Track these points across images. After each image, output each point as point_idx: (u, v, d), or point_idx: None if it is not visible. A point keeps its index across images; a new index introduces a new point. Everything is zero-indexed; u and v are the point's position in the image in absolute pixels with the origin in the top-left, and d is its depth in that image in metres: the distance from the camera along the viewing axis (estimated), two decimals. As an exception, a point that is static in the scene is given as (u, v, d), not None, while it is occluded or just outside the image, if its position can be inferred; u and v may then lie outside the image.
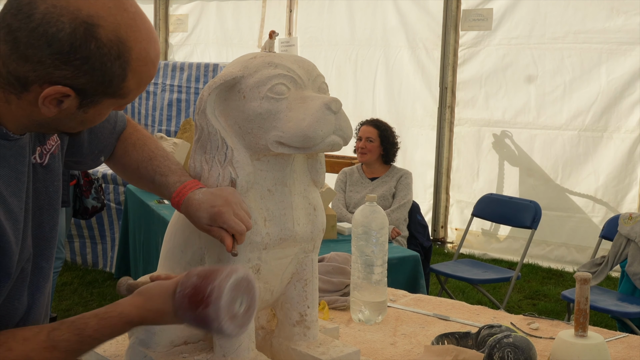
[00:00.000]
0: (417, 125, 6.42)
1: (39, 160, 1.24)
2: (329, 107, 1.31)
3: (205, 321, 1.14)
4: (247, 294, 1.18)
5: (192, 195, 1.34)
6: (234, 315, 1.15)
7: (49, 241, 1.27)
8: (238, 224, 1.30)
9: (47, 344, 1.14)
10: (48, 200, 1.26)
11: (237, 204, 1.31)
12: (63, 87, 1.07)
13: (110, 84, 1.10)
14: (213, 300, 1.13)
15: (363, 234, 1.87)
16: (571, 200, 5.70)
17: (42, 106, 1.09)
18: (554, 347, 1.58)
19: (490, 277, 4.27)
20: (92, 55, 1.06)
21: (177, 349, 1.44)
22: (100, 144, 1.45)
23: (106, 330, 1.17)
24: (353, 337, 1.81)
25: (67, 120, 1.14)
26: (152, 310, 1.18)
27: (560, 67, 5.66)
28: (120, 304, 1.20)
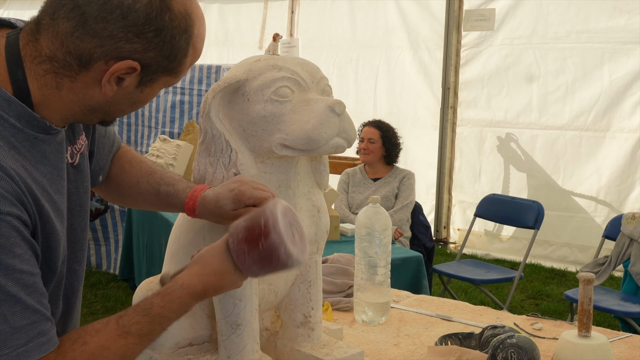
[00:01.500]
0: (420, 126, 6.42)
1: (70, 160, 1.21)
2: (333, 110, 1.31)
3: (272, 251, 1.12)
4: (294, 221, 1.18)
5: (206, 195, 1.33)
6: (294, 240, 1.15)
7: (81, 244, 1.26)
8: (263, 192, 1.28)
9: (119, 331, 1.12)
10: (79, 201, 1.24)
11: (251, 182, 1.30)
12: (132, 61, 1.05)
13: (175, 59, 1.09)
14: (272, 228, 1.12)
15: (366, 235, 1.88)
16: (573, 200, 5.70)
17: (105, 84, 1.07)
18: (558, 347, 1.58)
19: (493, 278, 4.27)
20: (165, 27, 1.05)
21: (182, 351, 1.45)
22: (101, 162, 1.40)
23: (173, 305, 1.15)
24: (356, 338, 1.82)
25: (122, 100, 1.12)
26: (213, 274, 1.16)
27: (563, 67, 5.66)
28: (179, 277, 1.18)
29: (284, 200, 1.19)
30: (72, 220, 1.22)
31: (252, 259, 1.13)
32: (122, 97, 1.12)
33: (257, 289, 1.41)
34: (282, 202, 1.17)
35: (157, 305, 1.14)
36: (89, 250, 5.41)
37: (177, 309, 1.16)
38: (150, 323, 1.14)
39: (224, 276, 1.17)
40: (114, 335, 1.11)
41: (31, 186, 1.06)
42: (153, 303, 1.15)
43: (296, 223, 1.18)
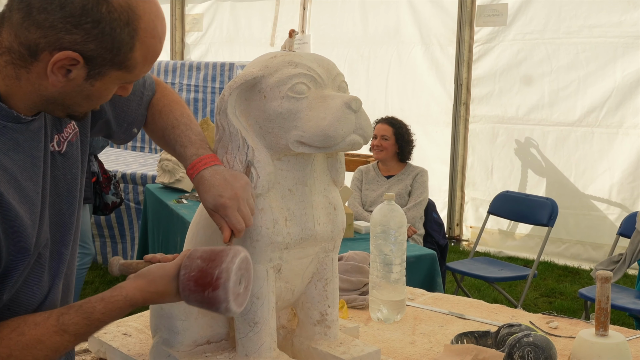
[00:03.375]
0: (432, 123, 6.39)
1: (57, 148, 1.25)
2: (350, 106, 1.31)
3: (214, 303, 1.18)
4: (247, 272, 1.23)
5: (204, 174, 1.35)
6: (238, 294, 1.20)
7: (68, 228, 1.29)
8: (239, 221, 1.31)
9: (57, 328, 1.17)
10: (67, 187, 1.28)
11: (244, 200, 1.32)
12: (72, 52, 1.08)
13: (119, 52, 1.10)
14: (222, 283, 1.17)
15: (381, 232, 1.88)
16: (586, 197, 5.66)
17: (50, 74, 1.10)
18: (575, 346, 1.57)
19: (507, 275, 4.25)
20: (103, 18, 1.07)
21: (200, 348, 1.45)
22: (129, 117, 1.46)
23: (113, 313, 1.21)
24: (372, 336, 1.82)
25: (74, 93, 1.15)
26: (155, 292, 1.22)
27: (575, 62, 5.61)
28: (124, 287, 1.23)
29: (244, 251, 1.23)
30: (60, 205, 1.26)
31: (195, 299, 1.19)
32: (72, 90, 1.14)
33: (274, 287, 1.41)
34: (241, 253, 1.21)
35: (98, 311, 1.20)
36: (106, 247, 5.44)
37: (116, 315, 1.22)
38: (89, 326, 1.20)
39: (165, 297, 1.23)
40: (51, 331, 1.17)
41: None
42: (95, 308, 1.20)
43: (247, 273, 1.23)
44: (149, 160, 6.00)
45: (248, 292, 1.24)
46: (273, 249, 1.38)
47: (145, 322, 1.72)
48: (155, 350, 1.47)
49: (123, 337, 1.64)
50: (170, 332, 1.45)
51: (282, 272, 1.42)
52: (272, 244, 1.37)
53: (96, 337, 1.64)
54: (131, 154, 6.31)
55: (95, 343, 1.65)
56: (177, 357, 1.42)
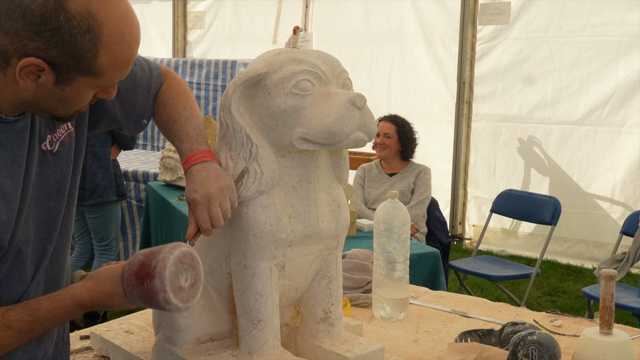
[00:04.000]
0: (434, 121, 6.38)
1: (49, 147, 1.28)
2: (354, 103, 1.30)
3: (153, 294, 1.19)
4: (191, 269, 1.23)
5: (193, 169, 1.37)
6: (180, 287, 1.20)
7: (55, 225, 1.31)
8: (205, 220, 1.32)
9: (2, 324, 1.19)
10: (56, 186, 1.30)
11: (217, 201, 1.32)
12: (36, 59, 1.10)
13: (81, 59, 1.11)
14: (158, 272, 1.18)
15: (385, 230, 1.87)
16: (589, 196, 5.65)
17: (19, 80, 1.12)
18: (579, 344, 1.57)
19: (510, 274, 4.25)
20: (62, 26, 1.08)
21: (203, 346, 1.45)
22: (138, 110, 1.49)
23: (58, 311, 1.23)
24: (376, 334, 1.81)
25: (47, 98, 1.16)
26: (102, 292, 1.23)
27: (578, 61, 5.60)
28: (72, 287, 1.25)
29: (189, 247, 1.24)
30: (49, 202, 1.29)
31: (137, 293, 1.21)
32: (45, 95, 1.15)
33: (278, 285, 1.41)
34: (183, 248, 1.22)
35: (44, 309, 1.22)
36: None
37: (62, 315, 1.23)
38: (33, 323, 1.21)
39: (113, 298, 1.24)
40: None
41: None
42: (41, 305, 1.22)
43: (193, 269, 1.23)
44: (151, 158, 6.00)
45: (196, 290, 1.23)
46: (277, 246, 1.37)
47: (148, 319, 1.72)
48: (158, 348, 1.47)
49: (125, 335, 1.63)
50: (173, 330, 1.45)
51: (286, 269, 1.42)
52: (276, 241, 1.37)
53: (98, 335, 1.64)
54: (133, 152, 6.30)
55: (97, 341, 1.65)
56: (180, 354, 1.41)
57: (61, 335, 1.47)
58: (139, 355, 1.52)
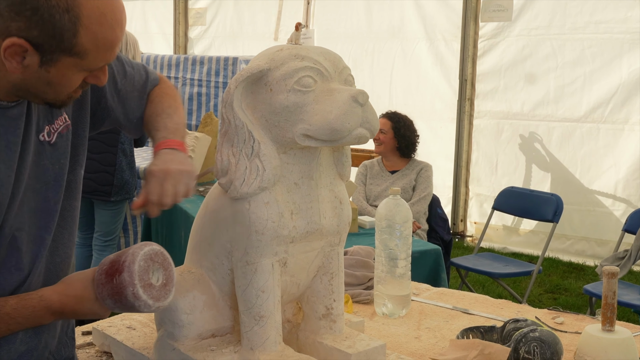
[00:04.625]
0: (436, 118, 6.37)
1: (47, 138, 1.31)
2: (356, 100, 1.30)
3: (121, 289, 1.18)
4: (163, 269, 1.23)
5: (161, 151, 1.39)
6: (149, 284, 1.20)
7: (52, 215, 1.32)
8: (154, 193, 1.31)
9: None
10: (54, 176, 1.32)
11: (172, 179, 1.32)
12: (18, 39, 1.11)
13: (62, 39, 1.13)
14: (126, 267, 1.18)
15: (387, 227, 1.87)
16: (591, 193, 5.65)
17: (5, 61, 1.14)
18: (581, 341, 1.57)
19: (512, 271, 4.25)
20: (41, 6, 1.10)
21: (205, 342, 1.45)
22: (137, 112, 1.52)
23: (25, 310, 1.22)
24: (377, 331, 1.81)
25: (34, 81, 1.18)
26: (72, 296, 1.23)
27: (581, 58, 5.59)
28: (42, 289, 1.26)
29: (160, 247, 1.24)
30: (47, 192, 1.31)
31: (107, 292, 1.20)
32: (31, 76, 1.17)
33: (280, 281, 1.41)
34: (154, 246, 1.23)
35: (10, 306, 1.21)
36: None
37: (29, 315, 1.22)
38: None
39: (83, 302, 1.24)
40: None
41: None
42: (7, 302, 1.22)
43: (165, 270, 1.23)
44: (152, 155, 5.99)
45: (168, 291, 1.23)
46: (279, 242, 1.37)
47: (149, 315, 1.72)
48: (160, 344, 1.47)
49: (127, 331, 1.63)
50: (175, 326, 1.45)
51: (288, 265, 1.42)
52: (278, 238, 1.37)
53: (100, 331, 1.64)
54: (134, 148, 6.29)
55: (99, 336, 1.65)
56: (182, 350, 1.41)
57: (65, 331, 1.48)
58: (140, 351, 1.52)
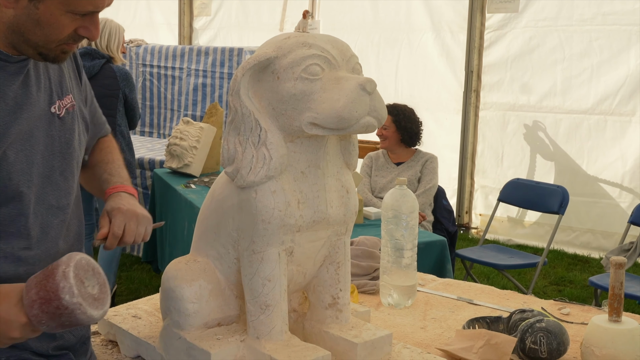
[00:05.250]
0: (442, 110, 6.36)
1: (57, 111, 1.39)
2: (364, 88, 1.29)
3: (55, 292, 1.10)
4: (94, 275, 1.18)
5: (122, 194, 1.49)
6: (90, 295, 1.14)
7: (59, 185, 1.40)
8: (119, 227, 1.41)
9: None
10: (60, 148, 1.39)
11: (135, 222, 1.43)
12: None
13: None
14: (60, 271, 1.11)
15: (393, 217, 1.86)
16: (597, 185, 5.63)
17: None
18: (588, 332, 1.56)
19: (517, 263, 4.24)
20: None
21: (211, 331, 1.44)
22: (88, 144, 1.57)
23: None
24: (383, 321, 1.81)
25: (25, 19, 1.23)
26: None
27: (588, 50, 5.56)
28: None
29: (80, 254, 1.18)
30: (52, 161, 1.38)
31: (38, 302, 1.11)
32: (22, 14, 1.23)
33: (286, 270, 1.40)
34: (79, 256, 1.17)
35: None
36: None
37: None
38: None
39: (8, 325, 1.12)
40: None
41: None
42: None
43: (97, 275, 1.19)
44: (157, 145, 6.00)
45: (106, 293, 1.18)
46: (285, 231, 1.37)
47: (155, 304, 1.72)
48: (166, 333, 1.47)
49: (133, 320, 1.63)
50: (181, 315, 1.45)
51: (294, 255, 1.41)
52: (285, 227, 1.36)
53: (106, 320, 1.64)
54: (139, 139, 6.31)
55: (105, 325, 1.65)
56: (188, 339, 1.41)
57: None
58: (146, 340, 1.52)
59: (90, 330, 1.60)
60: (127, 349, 1.58)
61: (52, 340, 1.44)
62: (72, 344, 1.49)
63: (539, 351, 1.55)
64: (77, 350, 1.51)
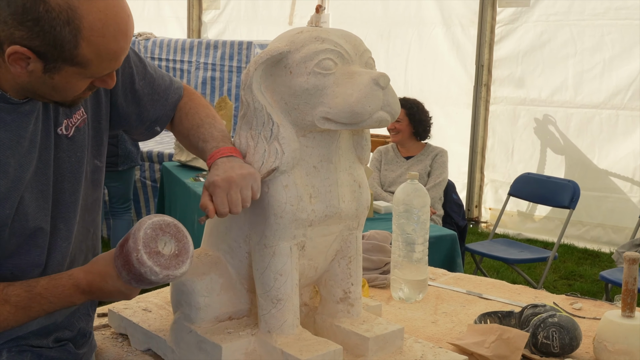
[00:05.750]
0: (452, 104, 6.34)
1: (64, 132, 1.34)
2: (377, 83, 1.29)
3: (128, 255, 1.19)
4: (176, 240, 1.24)
5: (218, 160, 1.37)
6: (156, 252, 1.20)
7: (68, 206, 1.37)
8: (223, 204, 1.31)
9: (0, 298, 1.24)
10: (70, 169, 1.36)
11: (237, 187, 1.31)
12: (21, 47, 1.14)
13: (62, 49, 1.15)
14: (132, 234, 1.20)
15: (404, 212, 1.86)
16: (608, 180, 5.60)
17: (10, 66, 1.17)
18: (600, 327, 1.56)
19: (527, 257, 4.23)
20: (42, 17, 1.12)
21: (222, 325, 1.45)
22: (153, 116, 1.54)
23: (55, 290, 1.26)
24: (394, 315, 1.81)
25: (39, 85, 1.21)
26: (97, 274, 1.25)
27: (600, 44, 5.53)
28: (73, 269, 1.29)
29: (172, 219, 1.25)
30: (63, 184, 1.35)
31: (120, 263, 1.21)
32: (36, 81, 1.20)
33: (297, 264, 1.40)
34: (165, 218, 1.24)
35: (41, 286, 1.26)
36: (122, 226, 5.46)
37: (60, 294, 1.26)
38: (30, 299, 1.25)
39: (107, 279, 1.25)
40: None
41: None
42: (39, 282, 1.26)
43: (177, 241, 1.24)
44: (166, 139, 6.00)
45: (181, 261, 1.23)
46: (297, 225, 1.37)
47: (165, 297, 1.72)
48: (177, 326, 1.47)
49: (143, 313, 1.64)
50: (192, 308, 1.45)
51: (306, 249, 1.41)
52: (296, 221, 1.36)
53: (116, 313, 1.65)
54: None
55: (115, 319, 1.66)
56: (199, 332, 1.42)
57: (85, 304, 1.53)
58: (157, 333, 1.53)
59: (92, 324, 1.60)
60: (138, 342, 1.58)
61: (49, 334, 1.45)
62: (71, 337, 1.51)
63: (552, 346, 1.54)
64: (77, 342, 1.52)
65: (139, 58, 1.52)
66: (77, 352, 1.51)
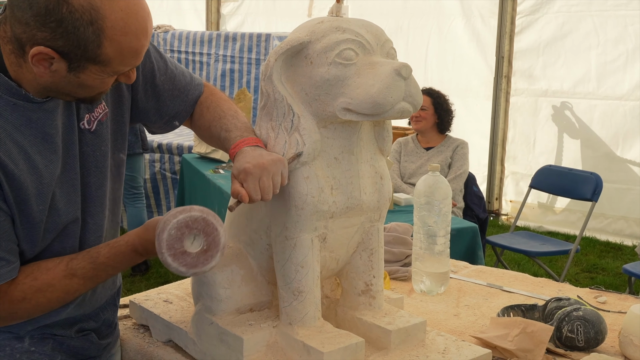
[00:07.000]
0: (472, 96, 6.29)
1: (87, 126, 1.37)
2: (399, 73, 1.27)
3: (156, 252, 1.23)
4: (204, 234, 1.23)
5: (244, 149, 1.36)
6: (182, 252, 1.21)
7: (94, 200, 1.40)
8: (255, 191, 1.28)
9: (66, 272, 1.31)
10: (95, 163, 1.39)
11: (269, 173, 1.29)
12: (45, 47, 1.16)
13: (86, 49, 1.17)
14: (157, 234, 1.21)
15: (426, 204, 1.84)
16: (632, 172, 5.53)
17: (33, 67, 1.19)
18: (626, 321, 1.53)
19: (549, 250, 4.19)
20: (65, 18, 1.13)
21: (243, 316, 1.44)
22: (172, 111, 1.54)
23: (117, 257, 1.32)
24: (415, 308, 1.79)
25: (65, 83, 1.22)
26: (148, 240, 1.29)
27: (623, 35, 5.45)
28: (127, 234, 1.34)
29: (201, 210, 1.24)
30: (88, 178, 1.38)
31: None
32: (61, 80, 1.22)
33: (319, 256, 1.39)
34: (192, 213, 1.23)
35: (103, 255, 1.33)
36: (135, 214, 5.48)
37: (121, 260, 1.33)
38: (95, 269, 1.32)
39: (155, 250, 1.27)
40: (61, 275, 1.30)
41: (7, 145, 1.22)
42: (100, 253, 1.33)
43: (206, 235, 1.23)
44: (185, 131, 6.00)
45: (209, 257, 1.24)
46: (318, 217, 1.36)
47: (186, 289, 1.72)
48: (198, 318, 1.47)
49: (164, 304, 1.64)
50: (213, 300, 1.45)
51: (327, 241, 1.40)
52: (318, 213, 1.35)
53: (137, 304, 1.65)
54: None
55: (136, 310, 1.66)
56: (220, 324, 1.41)
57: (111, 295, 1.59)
58: (178, 325, 1.53)
59: (117, 315, 1.63)
60: (159, 333, 1.58)
61: (74, 324, 1.48)
62: (95, 328, 1.53)
63: (576, 340, 1.52)
64: (101, 332, 1.55)
65: (160, 54, 1.53)
66: (99, 342, 1.53)
